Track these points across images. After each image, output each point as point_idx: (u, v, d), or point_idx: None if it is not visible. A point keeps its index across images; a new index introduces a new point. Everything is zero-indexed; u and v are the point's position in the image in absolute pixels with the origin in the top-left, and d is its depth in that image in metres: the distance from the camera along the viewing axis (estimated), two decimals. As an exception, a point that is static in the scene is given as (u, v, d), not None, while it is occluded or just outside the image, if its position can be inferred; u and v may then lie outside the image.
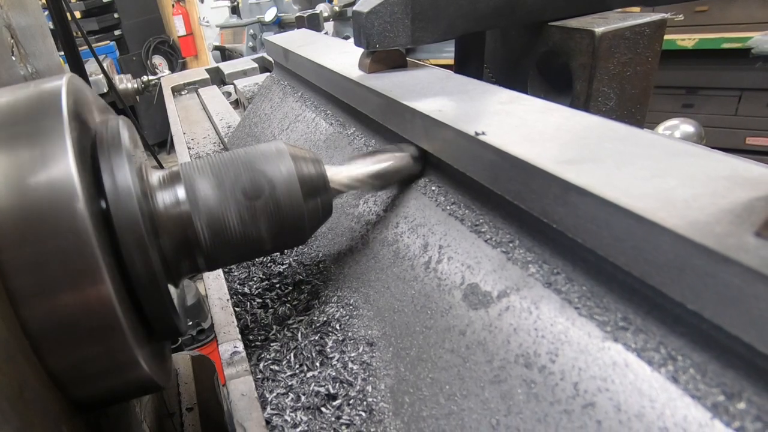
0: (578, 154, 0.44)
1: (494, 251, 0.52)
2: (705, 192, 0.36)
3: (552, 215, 0.43)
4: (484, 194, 0.56)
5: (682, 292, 0.33)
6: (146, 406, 0.77)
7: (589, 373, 0.39)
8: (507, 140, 0.49)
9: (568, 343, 0.41)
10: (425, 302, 0.56)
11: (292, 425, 0.56)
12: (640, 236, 0.35)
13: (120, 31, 6.61)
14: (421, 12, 0.76)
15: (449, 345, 0.51)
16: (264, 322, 0.73)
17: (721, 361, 0.33)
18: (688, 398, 0.33)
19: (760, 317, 0.28)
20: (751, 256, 0.29)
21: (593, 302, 0.41)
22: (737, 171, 0.38)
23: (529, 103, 0.59)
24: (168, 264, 0.52)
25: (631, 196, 0.36)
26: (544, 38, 0.82)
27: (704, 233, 0.31)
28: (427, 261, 0.59)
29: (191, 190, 0.53)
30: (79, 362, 0.40)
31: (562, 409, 0.39)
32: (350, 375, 0.59)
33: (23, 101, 0.42)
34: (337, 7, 4.11)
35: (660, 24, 0.73)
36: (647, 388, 0.35)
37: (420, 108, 0.63)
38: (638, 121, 0.80)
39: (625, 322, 0.39)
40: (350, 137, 0.87)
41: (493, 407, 0.44)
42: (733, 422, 0.30)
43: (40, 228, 0.37)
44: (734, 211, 0.33)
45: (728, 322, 0.30)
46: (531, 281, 0.47)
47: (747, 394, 0.31)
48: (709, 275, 0.30)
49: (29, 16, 0.98)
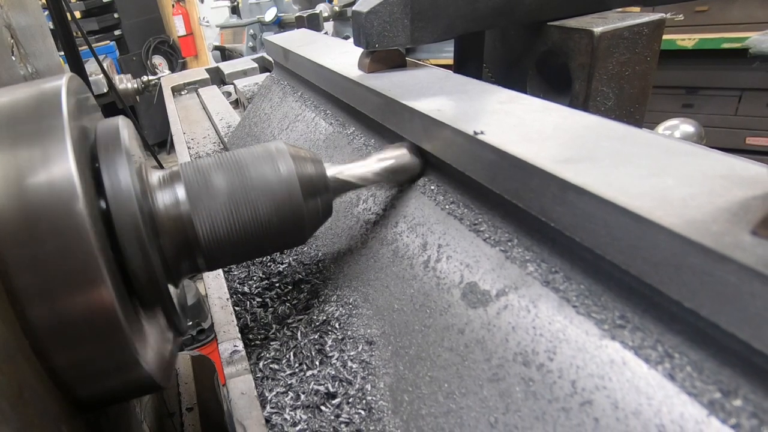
0: (576, 153, 0.44)
1: (493, 250, 0.52)
2: (702, 191, 0.36)
3: (550, 214, 0.43)
4: (482, 193, 0.56)
5: (678, 291, 0.33)
6: (146, 406, 0.77)
7: (586, 371, 0.39)
8: (505, 139, 0.49)
9: (566, 341, 0.41)
10: (424, 301, 0.56)
11: (291, 424, 0.57)
12: (638, 235, 0.35)
13: (120, 31, 6.61)
14: (421, 12, 0.76)
15: (448, 343, 0.51)
16: (264, 321, 0.73)
17: (717, 359, 0.33)
18: (685, 395, 0.33)
19: (757, 315, 0.28)
20: (747, 254, 0.29)
21: (591, 300, 0.42)
22: (734, 170, 0.38)
23: (527, 103, 0.59)
24: (168, 264, 0.52)
25: (628, 195, 0.37)
26: (543, 38, 0.82)
27: (701, 232, 0.31)
28: (426, 260, 0.59)
29: (191, 190, 0.53)
30: (79, 362, 0.40)
31: (560, 406, 0.39)
32: (349, 373, 0.59)
33: (23, 101, 0.42)
34: (337, 7, 4.11)
35: (659, 24, 0.74)
36: (644, 385, 0.35)
37: (419, 107, 0.63)
38: (637, 121, 0.80)
39: (623, 320, 0.39)
40: (350, 137, 0.87)
41: (491, 405, 0.44)
42: (729, 419, 0.31)
43: (40, 228, 0.37)
44: (731, 210, 0.33)
45: (725, 320, 0.30)
46: (529, 280, 0.47)
47: (743, 392, 0.31)
48: (706, 273, 0.31)
49: (29, 16, 0.98)
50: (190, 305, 2.60)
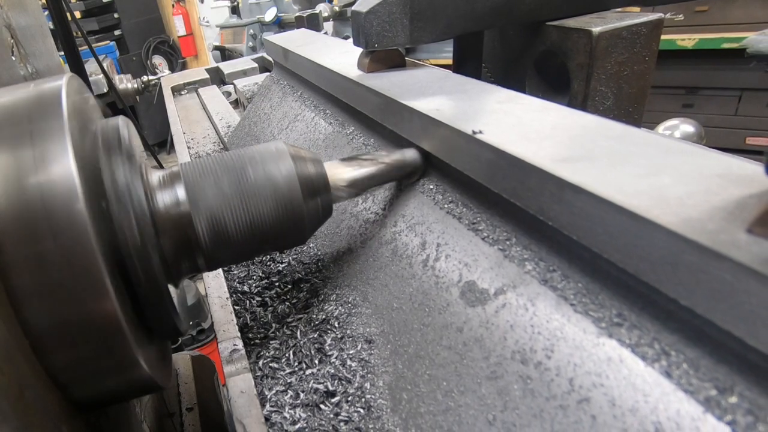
0: (574, 152, 0.45)
1: (491, 249, 0.52)
2: (698, 189, 0.36)
3: (548, 213, 0.44)
4: (481, 192, 0.56)
5: (675, 288, 0.33)
6: (146, 406, 0.76)
7: (584, 368, 0.39)
8: (504, 139, 0.50)
9: (563, 339, 0.41)
10: (423, 300, 0.57)
11: (291, 422, 0.57)
12: (635, 233, 0.35)
13: (120, 31, 6.61)
14: (420, 12, 0.77)
15: (447, 342, 0.51)
16: (263, 320, 0.73)
17: (713, 357, 0.33)
18: (681, 393, 0.33)
19: (752, 312, 0.29)
20: (742, 252, 0.29)
21: (588, 299, 0.42)
22: (731, 169, 0.38)
23: (526, 103, 0.59)
24: (168, 264, 0.52)
25: (625, 194, 0.37)
26: (542, 38, 0.82)
27: (697, 230, 0.32)
28: (425, 259, 0.59)
29: (191, 190, 0.53)
30: (79, 362, 0.40)
31: (558, 404, 0.39)
32: (349, 372, 0.59)
33: (23, 101, 0.42)
34: (337, 7, 4.11)
35: (657, 24, 0.74)
36: (641, 383, 0.35)
37: (418, 107, 0.63)
38: (635, 120, 0.81)
39: (620, 318, 0.39)
40: (349, 136, 0.88)
41: (489, 403, 0.44)
42: (725, 416, 0.31)
43: (40, 228, 0.37)
44: (727, 209, 0.33)
45: (720, 318, 0.31)
46: (527, 278, 0.47)
47: (739, 389, 0.31)
48: (702, 271, 0.31)
49: (29, 16, 0.98)
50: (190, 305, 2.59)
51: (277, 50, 1.26)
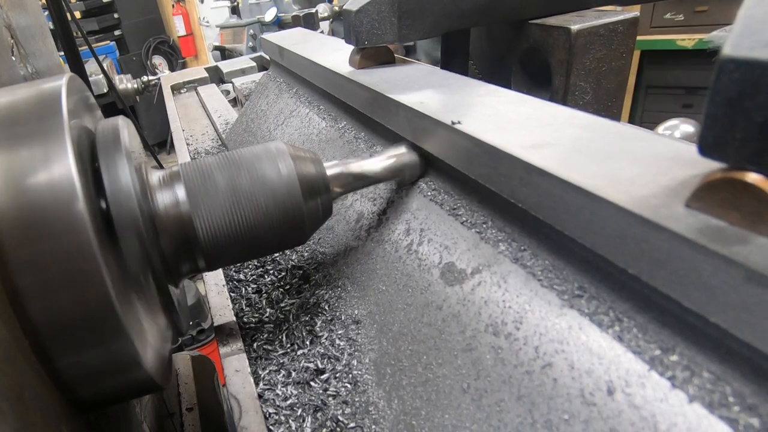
0: (542, 139, 0.48)
1: (469, 232, 0.55)
2: (649, 171, 0.39)
3: (518, 195, 0.47)
4: (461, 180, 0.60)
5: (624, 259, 0.37)
6: (146, 406, 0.76)
7: (548, 337, 0.42)
8: (480, 128, 0.53)
9: (531, 311, 0.45)
10: (407, 281, 0.60)
11: (283, 398, 0.60)
12: (591, 210, 0.39)
13: (120, 31, 6.65)
14: (408, 10, 0.80)
15: (427, 319, 0.55)
16: (258, 305, 0.77)
17: (659, 321, 0.37)
18: (631, 354, 0.37)
19: (685, 276, 0.32)
20: (679, 223, 0.33)
21: (554, 274, 0.45)
22: (680, 153, 0.41)
23: (503, 96, 0.63)
24: (168, 264, 0.52)
25: (584, 175, 0.40)
26: (526, 36, 0.86)
27: (642, 205, 0.35)
28: (409, 243, 0.63)
29: (191, 190, 0.53)
30: (79, 362, 0.40)
31: (524, 370, 0.43)
32: (337, 351, 0.63)
33: (23, 101, 0.42)
34: (337, 7, 4.14)
35: (633, 22, 0.77)
36: (597, 347, 0.39)
37: (404, 100, 0.66)
38: (614, 114, 0.84)
39: (581, 290, 0.43)
40: (341, 130, 0.91)
41: (464, 373, 0.48)
42: (666, 372, 0.34)
43: (40, 228, 0.37)
44: (671, 187, 0.37)
45: (661, 283, 0.34)
46: (501, 258, 0.50)
47: (679, 348, 0.35)
48: (644, 241, 0.34)
49: (29, 16, 0.99)
50: (190, 305, 2.61)
51: (273, 48, 1.29)
